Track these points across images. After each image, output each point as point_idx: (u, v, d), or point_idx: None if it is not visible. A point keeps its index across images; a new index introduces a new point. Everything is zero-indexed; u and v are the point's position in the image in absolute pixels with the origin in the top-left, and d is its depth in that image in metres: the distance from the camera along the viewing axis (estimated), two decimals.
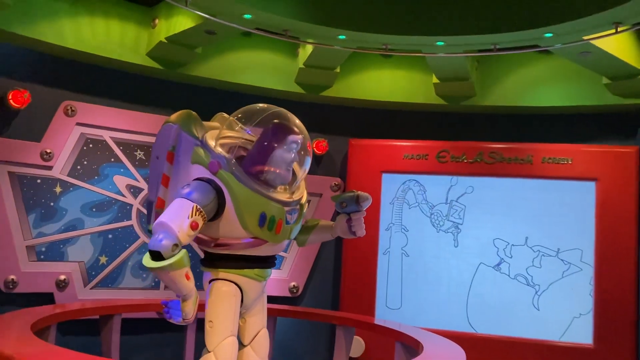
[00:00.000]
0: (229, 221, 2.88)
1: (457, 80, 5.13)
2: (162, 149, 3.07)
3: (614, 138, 5.22)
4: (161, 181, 3.08)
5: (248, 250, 3.03)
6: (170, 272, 2.62)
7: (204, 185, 2.84)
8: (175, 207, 2.72)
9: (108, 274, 4.85)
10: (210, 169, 2.88)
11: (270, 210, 2.94)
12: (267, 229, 2.96)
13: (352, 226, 3.21)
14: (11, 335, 2.90)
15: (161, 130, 3.08)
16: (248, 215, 2.88)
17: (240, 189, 2.86)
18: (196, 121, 3.12)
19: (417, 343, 3.63)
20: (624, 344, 4.86)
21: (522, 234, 5.21)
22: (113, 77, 4.95)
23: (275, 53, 5.29)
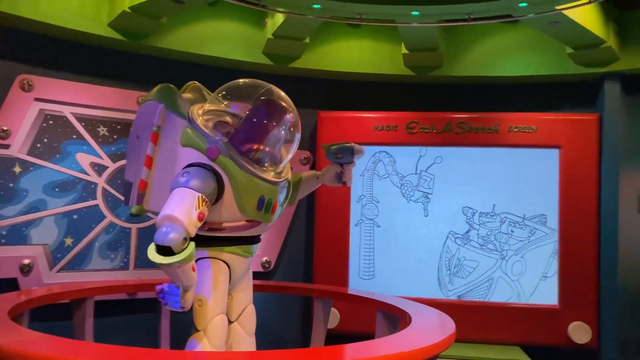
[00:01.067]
0: (226, 206, 2.82)
1: (427, 50, 5.14)
2: (144, 129, 2.92)
3: (576, 106, 5.39)
4: (144, 163, 2.95)
5: (241, 233, 2.99)
6: (181, 267, 2.53)
7: (205, 173, 2.74)
8: (180, 198, 2.62)
9: (74, 256, 4.65)
10: (209, 155, 2.77)
11: (268, 193, 2.91)
12: (265, 211, 2.92)
13: (344, 176, 3.31)
14: None
15: (143, 108, 2.93)
16: (247, 200, 2.83)
17: (240, 174, 2.80)
18: (179, 97, 3.00)
19: (402, 313, 3.69)
20: (586, 303, 5.10)
21: (490, 202, 5.35)
22: (72, 49, 4.68)
23: (241, 23, 5.13)
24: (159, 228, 2.57)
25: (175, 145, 2.91)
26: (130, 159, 3.04)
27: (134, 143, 2.99)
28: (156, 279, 4.76)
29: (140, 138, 2.95)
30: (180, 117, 2.89)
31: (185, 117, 2.90)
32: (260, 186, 2.87)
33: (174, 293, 2.73)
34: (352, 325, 5.20)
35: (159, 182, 2.98)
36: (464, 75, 5.39)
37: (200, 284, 2.95)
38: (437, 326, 3.20)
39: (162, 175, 2.95)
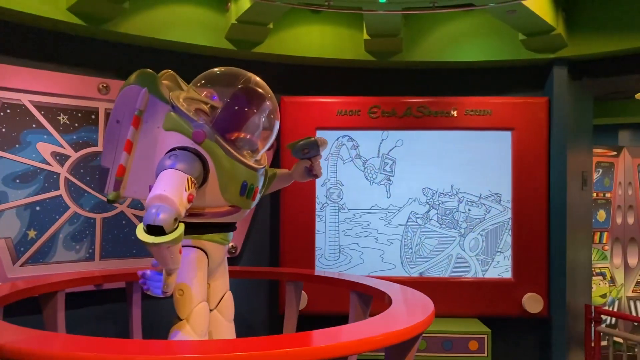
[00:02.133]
0: (209, 191, 2.85)
1: (388, 36, 5.26)
2: (125, 113, 2.89)
3: (527, 90, 5.67)
4: (124, 147, 2.92)
5: (221, 219, 3.03)
6: (170, 247, 2.53)
7: (190, 156, 2.76)
8: (170, 179, 2.61)
9: (38, 248, 4.52)
10: (195, 139, 2.79)
11: (250, 179, 2.97)
12: (247, 196, 2.98)
13: (315, 170, 3.45)
14: None
15: (124, 92, 2.90)
16: (231, 185, 2.88)
17: (225, 159, 2.83)
18: (161, 83, 2.99)
19: (379, 293, 3.84)
20: (538, 275, 5.45)
21: (448, 183, 5.58)
22: (30, 34, 4.48)
23: (203, 8, 5.06)
24: (148, 208, 2.56)
25: (158, 130, 2.91)
26: (107, 145, 2.98)
27: (112, 128, 2.94)
28: (123, 269, 4.71)
29: (120, 123, 2.91)
30: (163, 101, 2.89)
31: (168, 102, 2.91)
32: (243, 172, 2.93)
33: (155, 279, 2.75)
34: (320, 306, 5.33)
35: (137, 168, 2.96)
36: (423, 61, 5.56)
37: (181, 273, 2.95)
38: (418, 305, 3.37)
39: (141, 161, 2.94)
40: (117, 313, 4.86)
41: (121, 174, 2.93)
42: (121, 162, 2.91)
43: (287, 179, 3.61)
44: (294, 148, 3.40)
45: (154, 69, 3.10)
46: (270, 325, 5.67)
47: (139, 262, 4.98)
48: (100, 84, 4.78)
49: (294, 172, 3.53)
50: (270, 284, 5.69)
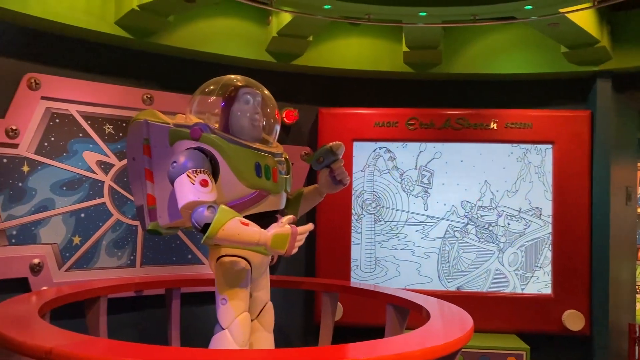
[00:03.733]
0: (226, 181, 2.87)
1: (427, 48, 5.26)
2: (136, 147, 3.09)
3: (568, 103, 5.58)
4: (145, 177, 3.06)
5: (252, 208, 3.00)
6: (227, 229, 2.60)
7: (192, 152, 2.82)
8: (179, 188, 2.73)
9: (82, 254, 4.65)
10: (193, 136, 2.86)
11: (262, 160, 2.98)
12: (265, 177, 2.97)
13: (337, 175, 3.33)
14: (32, 327, 2.76)
15: (129, 131, 3.11)
16: (243, 167, 2.88)
17: (227, 145, 2.87)
18: (158, 113, 3.16)
19: (414, 306, 3.82)
20: (579, 292, 5.33)
21: (487, 196, 5.52)
22: (79, 47, 4.64)
23: (245, 21, 5.16)
24: (190, 220, 2.70)
25: (167, 149, 3.03)
26: (134, 184, 3.18)
27: (132, 167, 3.15)
28: (163, 276, 4.81)
29: (136, 159, 3.11)
30: (163, 124, 3.05)
31: (168, 123, 3.06)
32: (251, 154, 2.94)
33: None
34: (356, 317, 5.33)
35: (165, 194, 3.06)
36: (462, 73, 5.53)
37: (224, 282, 3.02)
38: (457, 320, 3.33)
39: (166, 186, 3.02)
40: (156, 319, 4.95)
41: (152, 203, 3.07)
42: (148, 192, 3.06)
43: (316, 194, 3.51)
44: (311, 160, 3.37)
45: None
46: (305, 335, 5.69)
47: (179, 269, 5.08)
48: (145, 95, 4.91)
49: (320, 185, 3.44)
50: (306, 294, 5.70)
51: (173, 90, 5.04)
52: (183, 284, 4.70)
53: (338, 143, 3.31)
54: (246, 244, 2.69)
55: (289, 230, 2.68)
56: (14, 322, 2.85)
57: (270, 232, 2.68)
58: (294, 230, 2.68)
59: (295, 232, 2.68)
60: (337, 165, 3.32)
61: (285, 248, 2.67)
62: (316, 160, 3.31)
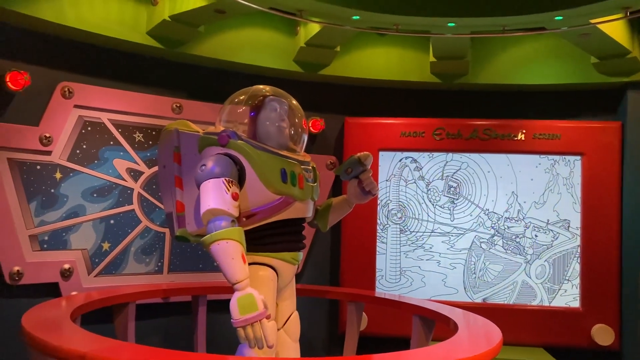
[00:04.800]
0: (252, 187, 2.87)
1: (454, 59, 5.25)
2: (166, 155, 3.14)
3: (598, 114, 5.52)
4: (175, 184, 3.09)
5: (277, 215, 2.99)
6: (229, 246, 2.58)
7: (220, 157, 2.83)
8: (209, 191, 2.72)
9: (111, 260, 4.72)
10: (220, 142, 2.89)
11: (289, 166, 2.98)
12: (291, 183, 2.98)
13: (366, 186, 3.29)
14: (66, 332, 2.81)
15: (161, 139, 3.17)
16: (269, 172, 2.88)
17: (254, 151, 2.89)
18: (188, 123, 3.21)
19: (440, 316, 3.79)
20: (608, 306, 5.24)
21: (515, 207, 5.47)
22: (111, 57, 4.74)
23: (273, 32, 5.22)
24: (207, 225, 2.68)
25: (196, 157, 3.05)
26: (164, 192, 3.20)
27: (162, 174, 3.18)
28: (190, 283, 4.86)
29: (166, 167, 3.14)
30: (192, 132, 3.10)
31: (199, 131, 3.11)
32: (277, 159, 2.94)
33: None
34: (380, 328, 5.31)
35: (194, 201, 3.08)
36: (489, 83, 5.50)
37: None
38: (485, 333, 3.30)
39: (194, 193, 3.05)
40: (181, 326, 4.99)
41: (181, 210, 3.09)
42: (177, 199, 3.08)
43: (345, 205, 3.47)
44: (339, 171, 3.37)
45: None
46: (329, 344, 5.69)
47: (205, 276, 5.13)
48: (174, 104, 4.98)
49: (349, 196, 3.41)
50: (331, 303, 5.70)
51: (202, 99, 5.11)
52: (210, 291, 4.74)
53: (366, 153, 3.30)
54: (226, 273, 2.61)
55: (261, 309, 2.53)
56: (48, 327, 2.91)
57: (248, 291, 2.57)
58: (263, 313, 2.53)
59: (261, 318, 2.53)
60: (366, 176, 3.30)
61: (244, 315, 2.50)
62: (344, 171, 3.30)
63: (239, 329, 2.53)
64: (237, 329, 2.53)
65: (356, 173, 3.29)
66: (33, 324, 2.91)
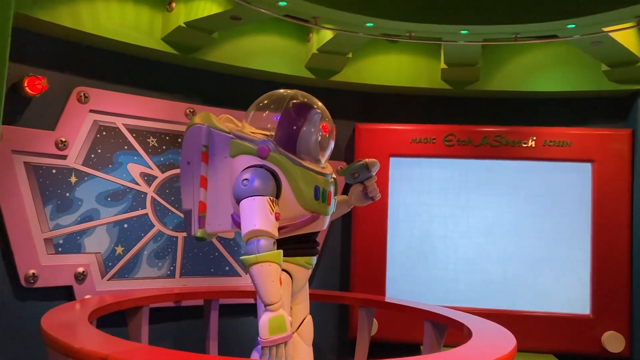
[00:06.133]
0: (286, 201, 2.91)
1: (465, 65, 5.28)
2: (193, 152, 3.11)
3: (608, 122, 5.53)
4: (200, 184, 3.10)
5: (303, 229, 3.05)
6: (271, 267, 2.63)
7: (262, 172, 2.85)
8: (254, 210, 2.73)
9: (124, 264, 4.75)
10: (260, 154, 2.90)
11: (320, 183, 3.02)
12: (322, 200, 3.02)
13: (369, 192, 3.39)
14: (84, 334, 2.85)
15: (188, 133, 3.12)
16: (305, 190, 2.93)
17: (292, 167, 2.92)
18: (217, 119, 3.19)
19: (453, 322, 3.81)
20: (619, 313, 5.24)
21: (525, 213, 5.48)
22: (126, 62, 4.79)
23: (286, 38, 5.27)
24: (248, 244, 2.69)
25: (226, 160, 3.06)
26: (184, 188, 3.18)
27: (185, 170, 3.16)
28: (203, 287, 4.88)
29: (190, 163, 3.12)
30: (224, 133, 3.07)
31: (229, 132, 3.07)
32: (313, 177, 2.99)
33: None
34: (391, 333, 5.32)
35: (216, 201, 3.11)
36: (500, 90, 5.53)
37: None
38: (499, 339, 3.32)
39: (217, 194, 3.08)
40: (193, 329, 5.02)
41: (203, 210, 3.11)
42: (200, 199, 3.09)
43: (345, 205, 3.56)
44: (345, 174, 3.41)
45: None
46: (339, 349, 5.70)
47: (217, 280, 5.15)
48: (187, 109, 5.02)
49: (350, 197, 3.50)
50: (340, 308, 5.72)
51: (214, 105, 5.15)
52: (222, 295, 4.77)
53: (373, 160, 3.35)
54: (262, 293, 2.66)
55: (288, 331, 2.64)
56: (68, 329, 2.94)
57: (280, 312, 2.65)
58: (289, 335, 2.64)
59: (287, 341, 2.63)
60: (370, 182, 3.38)
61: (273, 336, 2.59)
62: (351, 174, 3.36)
63: (265, 348, 2.59)
64: (263, 348, 2.59)
65: (362, 178, 3.35)
66: (53, 326, 2.95)
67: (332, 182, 3.18)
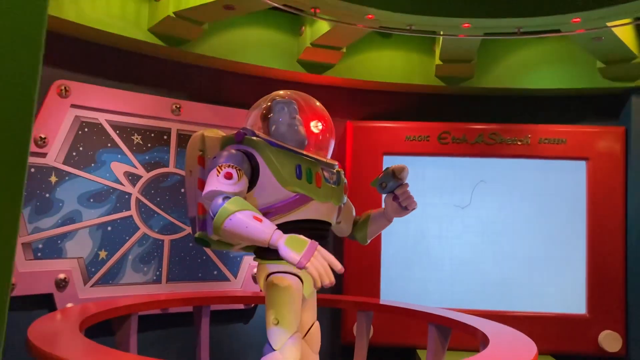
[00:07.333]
0: (266, 183, 2.76)
1: (461, 62, 5.17)
2: (192, 161, 3.09)
3: (601, 119, 5.51)
4: (198, 186, 3.01)
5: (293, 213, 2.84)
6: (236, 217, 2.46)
7: (230, 153, 2.76)
8: (207, 179, 2.69)
9: (108, 269, 4.46)
10: (236, 139, 2.85)
11: (304, 163, 2.85)
12: (307, 180, 2.83)
13: (402, 201, 3.15)
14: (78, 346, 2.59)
15: (188, 146, 3.13)
16: (283, 168, 2.77)
17: (269, 148, 2.80)
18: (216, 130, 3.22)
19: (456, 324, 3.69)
20: (614, 312, 5.21)
21: (520, 212, 5.41)
22: (109, 54, 4.50)
23: (277, 31, 5.05)
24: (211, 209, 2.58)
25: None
26: (189, 196, 3.14)
27: (188, 179, 3.11)
28: (192, 292, 4.63)
29: (192, 171, 3.08)
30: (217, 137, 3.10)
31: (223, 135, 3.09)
32: (294, 156, 2.82)
33: None
34: (386, 337, 5.16)
35: None
36: (494, 87, 5.44)
37: (275, 301, 2.86)
38: (518, 344, 3.20)
39: None
40: (181, 338, 4.76)
41: (202, 212, 2.97)
42: (199, 201, 2.95)
43: (383, 218, 3.31)
44: (375, 184, 3.20)
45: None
46: (331, 354, 5.50)
47: (205, 285, 4.90)
48: (174, 105, 4.76)
49: (386, 209, 3.26)
50: (332, 312, 5.53)
51: (202, 100, 4.91)
52: (214, 301, 4.53)
53: (401, 166, 3.11)
54: (255, 241, 2.50)
55: (308, 240, 2.45)
56: (58, 341, 2.69)
57: (286, 235, 2.46)
58: (314, 244, 2.44)
59: (316, 246, 2.43)
60: (401, 191, 3.13)
61: (301, 252, 2.40)
62: (379, 184, 3.12)
63: (311, 270, 2.37)
64: (310, 272, 2.37)
65: (392, 187, 3.11)
66: (40, 338, 2.70)
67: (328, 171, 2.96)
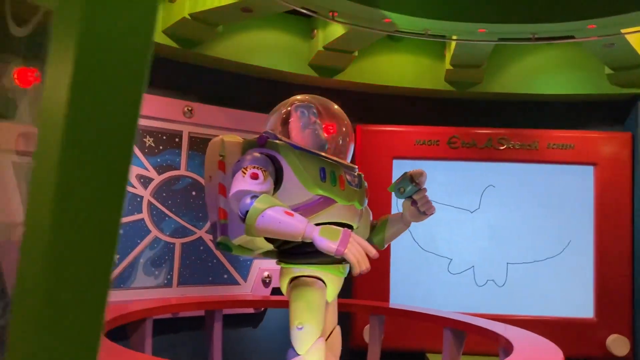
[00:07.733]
0: (291, 186, 2.75)
1: (471, 67, 5.19)
2: (212, 166, 3.06)
3: (608, 125, 5.56)
4: (219, 191, 2.97)
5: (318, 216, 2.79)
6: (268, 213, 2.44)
7: (254, 156, 2.73)
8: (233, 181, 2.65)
9: (119, 273, 4.42)
10: (259, 143, 2.81)
11: (328, 165, 2.83)
12: (331, 183, 2.81)
13: (420, 207, 3.08)
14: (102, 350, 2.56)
15: (207, 151, 3.11)
16: (307, 171, 2.76)
17: (292, 151, 2.78)
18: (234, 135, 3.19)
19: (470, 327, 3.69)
20: (622, 316, 5.24)
21: (529, 216, 5.43)
22: None
23: (289, 34, 5.04)
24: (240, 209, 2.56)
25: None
26: (209, 202, 3.11)
27: (208, 185, 3.09)
28: (204, 297, 4.59)
29: (212, 177, 3.04)
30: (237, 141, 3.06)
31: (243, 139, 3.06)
32: (317, 159, 2.80)
33: None
34: (396, 341, 5.15)
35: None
36: (502, 92, 5.47)
37: (299, 305, 2.85)
38: (543, 351, 3.20)
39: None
40: (192, 342, 4.72)
41: (224, 217, 2.95)
42: (220, 206, 2.93)
43: (401, 222, 3.25)
44: (393, 189, 3.20)
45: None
46: (341, 358, 5.47)
47: (216, 289, 4.86)
48: (186, 107, 4.73)
49: (405, 214, 3.19)
50: (341, 316, 5.48)
51: (214, 103, 4.88)
52: (228, 305, 4.50)
53: (419, 171, 3.08)
54: (289, 235, 2.49)
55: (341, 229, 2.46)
56: None
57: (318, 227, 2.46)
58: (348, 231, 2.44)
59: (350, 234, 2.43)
60: (419, 196, 3.05)
61: (337, 240, 2.39)
62: (397, 189, 3.12)
63: (350, 256, 2.36)
64: (349, 258, 2.37)
65: (410, 192, 3.10)
66: None
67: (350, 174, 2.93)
